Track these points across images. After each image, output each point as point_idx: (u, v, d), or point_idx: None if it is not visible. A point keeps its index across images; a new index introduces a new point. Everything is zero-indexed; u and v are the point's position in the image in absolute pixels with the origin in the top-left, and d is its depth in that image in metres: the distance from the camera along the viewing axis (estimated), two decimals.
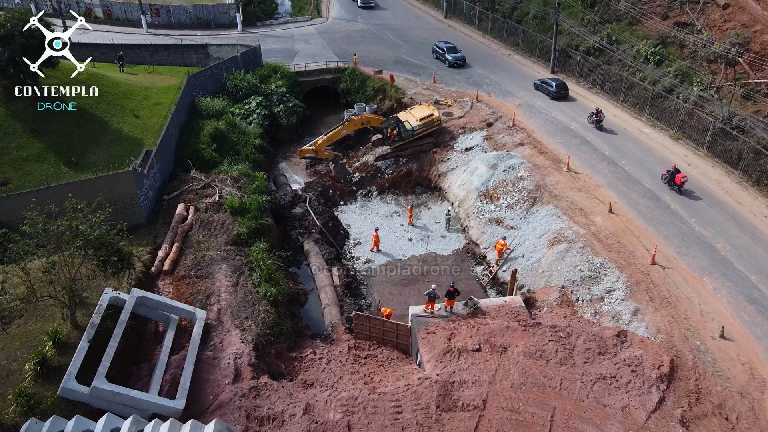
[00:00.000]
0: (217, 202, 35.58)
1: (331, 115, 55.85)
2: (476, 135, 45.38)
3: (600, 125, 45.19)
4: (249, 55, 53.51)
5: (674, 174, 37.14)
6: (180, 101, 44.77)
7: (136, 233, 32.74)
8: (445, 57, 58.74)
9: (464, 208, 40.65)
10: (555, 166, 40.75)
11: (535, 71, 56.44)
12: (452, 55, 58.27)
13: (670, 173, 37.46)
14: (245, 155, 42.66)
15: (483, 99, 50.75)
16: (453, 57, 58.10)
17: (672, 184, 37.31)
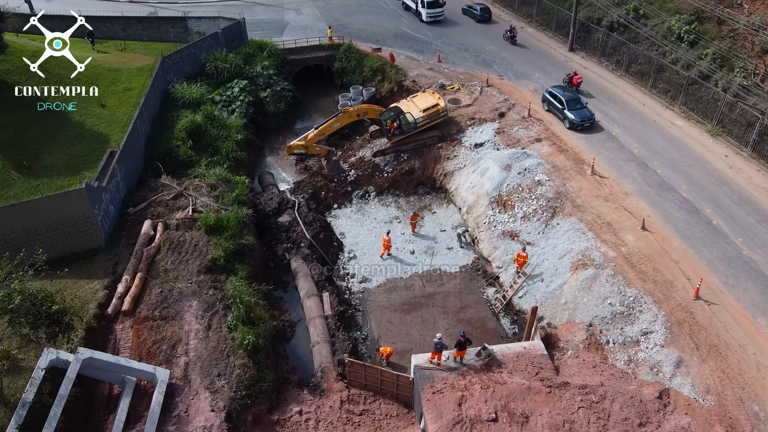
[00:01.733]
0: (190, 217, 30.78)
1: (325, 97, 50.43)
2: (487, 128, 40.19)
3: (514, 41, 51.87)
4: (232, 31, 47.72)
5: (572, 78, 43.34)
6: (151, 88, 39.43)
7: (94, 259, 28.20)
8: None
9: (473, 216, 35.87)
10: (577, 168, 35.78)
11: (552, 47, 50.74)
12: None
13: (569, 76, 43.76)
14: (225, 153, 37.61)
15: (494, 82, 45.29)
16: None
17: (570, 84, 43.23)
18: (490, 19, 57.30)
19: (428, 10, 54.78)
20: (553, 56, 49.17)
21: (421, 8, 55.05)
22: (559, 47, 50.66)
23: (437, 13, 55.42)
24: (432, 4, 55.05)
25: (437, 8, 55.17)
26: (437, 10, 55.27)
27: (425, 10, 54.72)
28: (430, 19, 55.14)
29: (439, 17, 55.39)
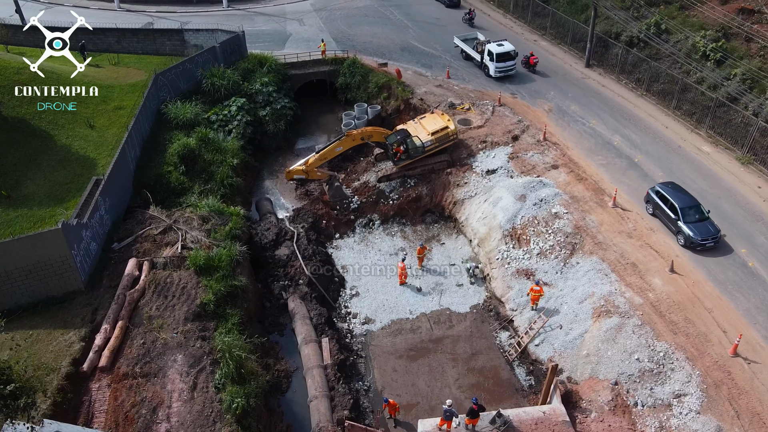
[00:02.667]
0: (179, 254, 28.37)
1: (328, 114, 47.97)
2: (500, 152, 37.64)
3: (472, 23, 53.64)
4: (230, 45, 45.32)
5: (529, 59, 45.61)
6: (143, 108, 37.09)
7: (72, 304, 25.85)
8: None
9: (485, 250, 33.35)
10: (598, 200, 33.21)
11: (567, 63, 48.12)
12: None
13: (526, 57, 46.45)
14: (220, 179, 35.19)
15: (506, 101, 42.74)
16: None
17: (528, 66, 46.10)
18: (458, 4, 58.79)
19: (498, 63, 44.84)
20: (568, 72, 46.57)
21: (489, 61, 45.36)
22: (574, 63, 48.05)
23: (508, 68, 45.43)
24: (503, 56, 44.96)
25: (508, 61, 45.17)
26: (508, 64, 45.25)
27: (494, 63, 44.86)
28: (499, 75, 45.41)
29: (510, 71, 45.62)
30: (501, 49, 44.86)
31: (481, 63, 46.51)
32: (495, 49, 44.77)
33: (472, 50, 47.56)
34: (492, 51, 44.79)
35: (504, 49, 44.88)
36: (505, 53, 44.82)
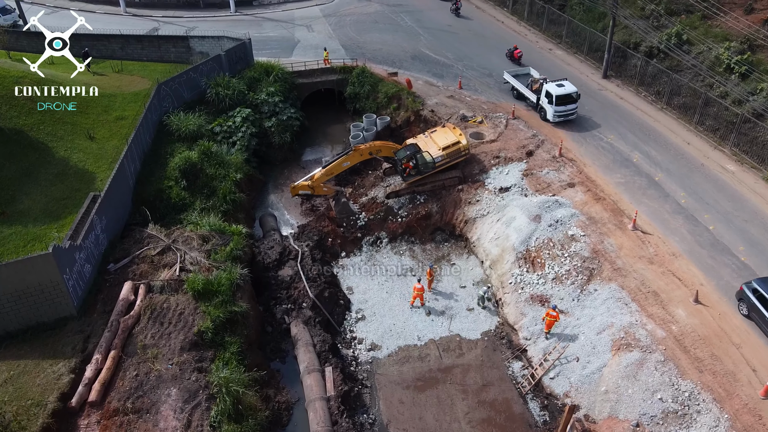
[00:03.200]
0: (176, 278, 27.10)
1: (336, 124, 46.69)
2: (513, 168, 36.12)
3: (458, 13, 54.77)
4: (236, 53, 44.11)
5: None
6: (144, 120, 35.89)
7: (63, 331, 24.60)
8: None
9: (497, 273, 31.87)
10: (616, 221, 31.64)
11: (583, 73, 46.52)
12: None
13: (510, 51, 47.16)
14: (223, 195, 33.91)
15: (520, 114, 41.21)
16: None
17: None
18: None
19: (558, 107, 39.42)
20: (585, 83, 44.92)
21: (546, 104, 40.00)
22: (591, 73, 46.45)
23: (569, 111, 39.80)
24: (563, 99, 39.32)
25: (569, 104, 39.62)
26: (569, 108, 39.67)
27: (552, 107, 39.45)
28: (558, 119, 39.92)
29: (571, 116, 40.05)
30: (561, 91, 39.34)
31: (537, 105, 41.20)
32: (555, 90, 39.37)
33: (525, 88, 42.39)
34: (551, 93, 39.40)
35: (565, 90, 39.42)
36: (566, 95, 39.35)
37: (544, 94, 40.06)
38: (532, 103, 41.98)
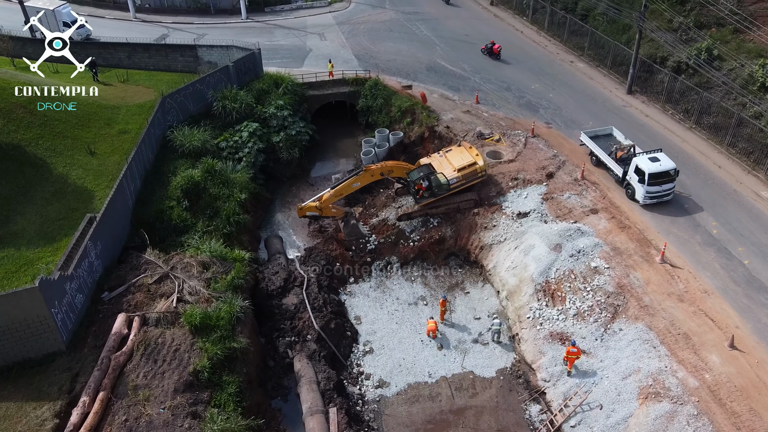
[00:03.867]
0: (173, 309, 25.53)
1: (347, 138, 45.01)
2: (532, 192, 34.20)
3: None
4: (245, 63, 42.58)
5: None
6: (147, 135, 34.46)
7: (50, 368, 23.14)
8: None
9: (514, 306, 29.98)
10: (643, 253, 29.63)
11: (607, 88, 44.45)
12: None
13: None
14: (226, 216, 32.33)
15: (540, 132, 39.24)
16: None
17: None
18: None
19: (650, 188, 31.56)
20: (608, 99, 42.89)
21: (636, 182, 32.16)
22: (615, 88, 44.33)
23: (664, 192, 31.99)
24: (658, 177, 31.42)
25: (665, 184, 31.77)
26: (665, 188, 31.86)
27: (644, 186, 31.60)
28: (650, 202, 32.19)
29: (666, 197, 32.25)
30: (656, 168, 31.30)
31: (622, 179, 33.60)
32: (647, 166, 31.40)
33: (607, 156, 34.56)
34: (642, 169, 31.54)
35: (660, 167, 31.34)
36: (662, 173, 31.38)
37: (632, 168, 32.37)
38: (615, 176, 34.28)
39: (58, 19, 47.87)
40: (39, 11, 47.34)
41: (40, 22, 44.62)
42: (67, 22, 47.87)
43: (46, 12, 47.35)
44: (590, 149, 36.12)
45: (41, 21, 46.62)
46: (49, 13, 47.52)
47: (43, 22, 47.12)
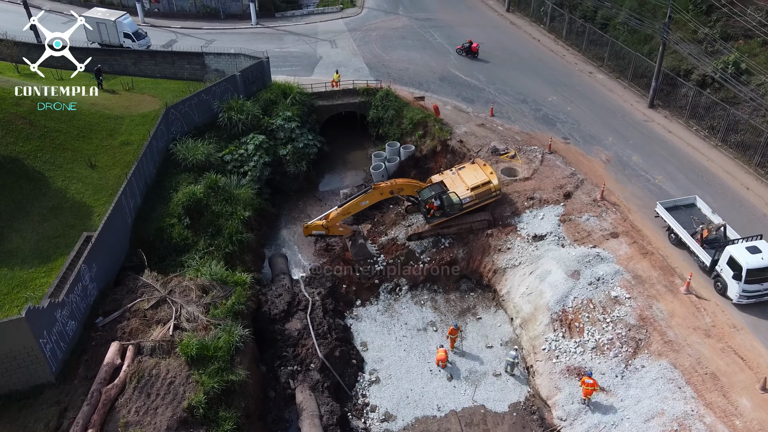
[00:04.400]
0: (169, 338, 24.27)
1: (356, 150, 43.70)
2: (549, 213, 32.64)
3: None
4: (253, 72, 41.32)
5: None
6: (149, 149, 33.33)
7: (38, 401, 22.01)
8: None
9: (529, 335, 28.45)
10: (667, 282, 27.99)
11: (627, 101, 42.71)
12: None
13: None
14: (229, 234, 31.06)
15: (557, 148, 37.62)
16: None
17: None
18: None
19: (748, 285, 26.04)
20: (629, 113, 41.17)
21: (730, 277, 26.53)
22: (636, 101, 42.58)
23: (765, 291, 26.42)
24: (759, 273, 25.86)
25: (766, 282, 26.26)
26: (766, 286, 26.40)
27: (739, 284, 26.10)
28: (747, 301, 26.56)
29: (765, 297, 26.67)
30: (757, 262, 25.80)
31: (710, 268, 27.96)
32: (746, 260, 25.90)
33: (691, 238, 28.86)
34: (739, 262, 26.03)
35: (763, 261, 25.86)
36: (765, 269, 25.96)
37: (725, 259, 26.85)
38: (701, 263, 28.46)
39: (119, 30, 46.47)
40: (100, 22, 46.24)
41: (100, 32, 44.94)
42: (129, 33, 46.84)
43: (106, 23, 46.15)
44: (667, 224, 30.30)
45: (102, 32, 45.84)
46: (109, 24, 46.20)
47: (104, 34, 46.07)
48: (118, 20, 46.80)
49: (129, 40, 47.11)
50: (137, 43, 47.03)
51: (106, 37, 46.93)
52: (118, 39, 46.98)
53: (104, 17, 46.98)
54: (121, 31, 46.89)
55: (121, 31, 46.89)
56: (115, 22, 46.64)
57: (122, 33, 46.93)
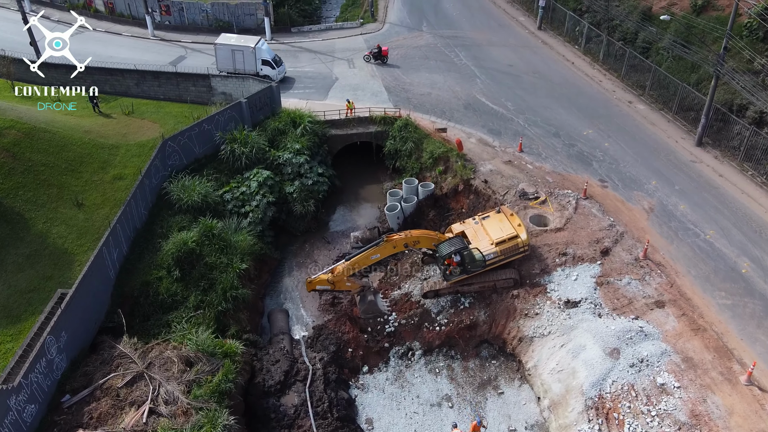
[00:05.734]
0: (142, 425, 21.04)
1: (371, 183, 40.31)
2: (584, 272, 28.79)
3: None
4: (261, 99, 38.11)
5: None
6: (140, 187, 30.26)
7: None
8: None
9: (559, 422, 24.68)
10: (723, 368, 24.00)
11: (671, 137, 38.53)
12: None
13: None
14: (223, 290, 27.80)
15: (593, 193, 33.69)
16: None
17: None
18: None
19: None
20: (674, 152, 37.03)
21: None
22: (681, 138, 38.38)
23: None
24: None
25: None
26: None
27: None
28: None
29: None
30: None
31: None
32: None
33: None
34: None
35: None
36: None
37: None
38: None
39: (258, 56, 43.49)
40: (235, 49, 43.22)
41: (234, 60, 42.91)
42: (268, 59, 44.01)
43: (243, 50, 42.98)
44: None
45: (237, 59, 43.06)
46: (247, 51, 43.04)
47: (238, 61, 42.98)
48: (257, 46, 43.66)
49: (268, 68, 44.00)
50: (276, 71, 44.14)
51: (241, 65, 43.51)
52: (255, 67, 43.79)
53: (239, 44, 43.54)
54: (260, 57, 43.80)
55: (260, 57, 43.80)
56: (254, 49, 43.38)
57: (260, 60, 43.85)
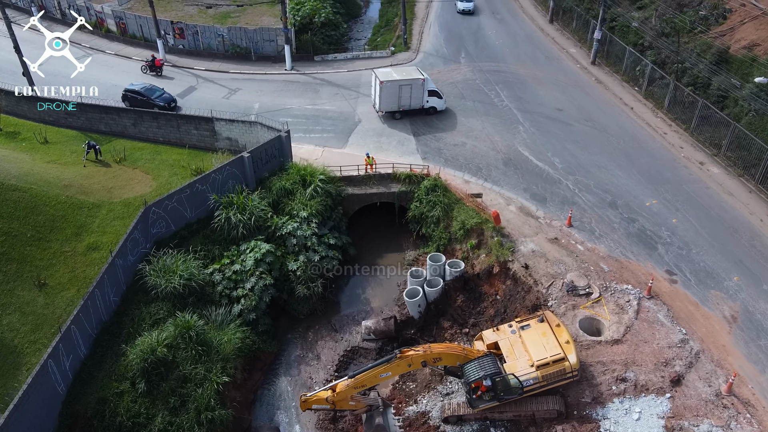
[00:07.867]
0: None
1: (392, 252, 34.82)
2: (648, 409, 22.66)
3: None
4: (267, 151, 33.06)
5: None
6: (108, 271, 25.27)
7: None
8: None
9: None
10: None
11: (755, 214, 31.91)
12: None
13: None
14: (197, 410, 22.64)
15: (660, 289, 27.41)
16: None
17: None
18: None
19: None
20: (759, 235, 30.45)
21: None
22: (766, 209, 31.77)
23: None
24: None
25: None
26: None
27: None
28: None
29: None
30: None
31: None
32: None
33: None
34: None
35: None
36: None
37: None
38: None
39: (425, 88, 39.69)
40: (403, 84, 38.90)
41: (400, 96, 39.14)
42: (434, 89, 40.46)
43: (412, 84, 38.91)
44: None
45: (404, 95, 39.19)
46: (417, 84, 39.14)
47: (404, 98, 39.12)
48: (426, 79, 39.73)
49: (435, 98, 40.44)
50: (443, 100, 40.71)
51: (407, 101, 39.52)
52: (421, 101, 39.97)
53: (405, 77, 39.24)
54: (427, 88, 39.84)
55: (427, 88, 39.84)
56: (424, 81, 39.34)
57: (427, 91, 39.94)
